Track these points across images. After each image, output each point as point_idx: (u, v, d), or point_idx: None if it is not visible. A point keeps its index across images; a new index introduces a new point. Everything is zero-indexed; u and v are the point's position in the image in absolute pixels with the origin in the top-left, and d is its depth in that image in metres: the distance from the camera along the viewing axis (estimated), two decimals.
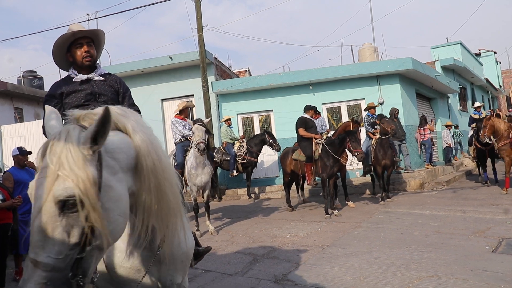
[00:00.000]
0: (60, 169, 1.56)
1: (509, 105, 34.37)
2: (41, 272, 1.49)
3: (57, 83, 3.13)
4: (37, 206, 1.55)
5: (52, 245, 1.54)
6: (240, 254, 6.32)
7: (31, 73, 21.86)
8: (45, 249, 1.53)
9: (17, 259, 6.26)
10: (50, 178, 1.55)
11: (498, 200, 9.01)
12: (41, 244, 1.52)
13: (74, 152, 1.60)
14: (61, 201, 1.54)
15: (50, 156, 1.58)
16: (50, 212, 1.54)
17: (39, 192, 1.56)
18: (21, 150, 6.54)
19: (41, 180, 1.57)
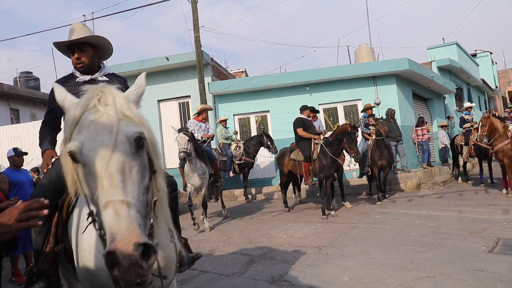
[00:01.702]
0: (120, 113, 1.64)
1: (505, 106, 34.48)
2: (134, 212, 1.50)
3: (61, 82, 3.06)
4: (109, 147, 1.57)
5: (132, 185, 1.57)
6: (237, 255, 6.31)
7: (27, 74, 21.79)
8: (128, 189, 1.55)
9: (13, 260, 6.23)
10: (113, 121, 1.61)
11: (494, 200, 9.03)
12: (123, 185, 1.55)
13: (127, 101, 1.73)
14: (135, 139, 1.63)
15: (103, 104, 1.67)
16: (125, 151, 1.59)
17: (104, 136, 1.59)
18: (16, 151, 6.52)
19: (101, 126, 1.61)
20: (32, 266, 2.77)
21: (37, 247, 2.71)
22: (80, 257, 2.23)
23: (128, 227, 1.42)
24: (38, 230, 2.69)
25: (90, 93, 1.74)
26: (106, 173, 1.54)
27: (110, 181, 1.53)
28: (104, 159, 1.56)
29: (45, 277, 2.63)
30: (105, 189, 1.52)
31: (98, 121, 1.62)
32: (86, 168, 1.61)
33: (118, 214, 1.45)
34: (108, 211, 1.47)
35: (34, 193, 2.81)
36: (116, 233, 1.40)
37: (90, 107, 1.68)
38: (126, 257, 1.36)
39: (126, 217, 1.45)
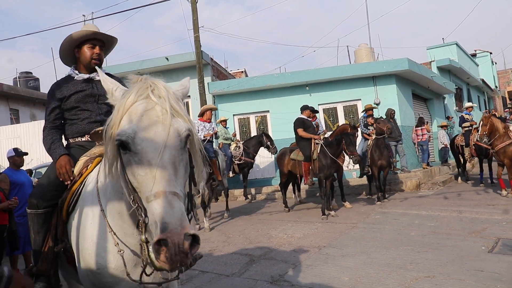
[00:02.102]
0: (172, 107, 1.73)
1: (505, 106, 34.48)
2: (181, 204, 1.59)
3: (58, 84, 3.05)
4: (162, 140, 1.65)
5: (179, 178, 1.67)
6: (236, 255, 6.31)
7: (27, 74, 21.81)
8: (176, 182, 1.64)
9: (13, 261, 6.23)
10: (167, 114, 1.70)
11: (494, 200, 9.03)
12: (174, 178, 1.63)
13: (177, 99, 1.82)
14: (186, 136, 1.73)
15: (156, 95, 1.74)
16: (176, 146, 1.68)
17: (158, 128, 1.67)
18: (16, 151, 6.51)
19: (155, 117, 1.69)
20: (31, 266, 2.78)
21: (36, 247, 2.71)
22: (83, 256, 2.24)
23: (180, 218, 1.52)
24: (37, 230, 2.70)
25: (143, 83, 1.80)
26: (160, 164, 1.62)
27: (162, 173, 1.61)
28: (157, 151, 1.63)
29: (44, 277, 2.63)
30: (157, 180, 1.59)
31: (151, 112, 1.70)
32: (137, 156, 1.67)
33: (171, 205, 1.53)
34: (161, 201, 1.54)
35: (33, 193, 2.82)
36: (169, 223, 1.49)
37: (142, 96, 1.74)
38: (176, 246, 1.45)
39: (178, 209, 1.54)
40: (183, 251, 1.46)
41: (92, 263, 2.19)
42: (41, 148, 14.85)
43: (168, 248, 1.45)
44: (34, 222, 2.71)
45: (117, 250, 2.12)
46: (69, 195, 2.53)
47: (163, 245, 1.46)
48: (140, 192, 1.67)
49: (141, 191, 1.66)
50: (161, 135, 1.66)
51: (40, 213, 2.68)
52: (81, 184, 2.54)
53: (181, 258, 1.47)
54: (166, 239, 1.45)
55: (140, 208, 1.68)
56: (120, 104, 1.79)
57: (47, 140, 2.92)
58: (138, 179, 1.67)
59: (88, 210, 2.30)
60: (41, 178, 2.89)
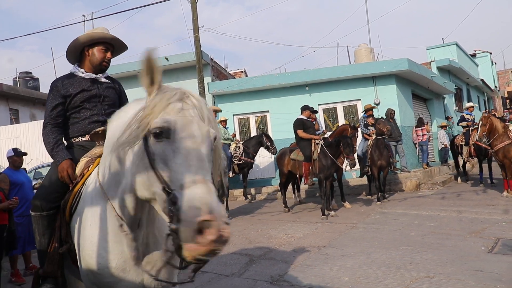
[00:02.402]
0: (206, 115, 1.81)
1: (505, 106, 34.50)
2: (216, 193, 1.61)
3: (61, 80, 2.99)
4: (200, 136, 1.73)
5: (210, 173, 1.70)
6: (236, 255, 6.32)
7: (27, 74, 21.81)
8: (208, 174, 1.67)
9: (13, 261, 6.23)
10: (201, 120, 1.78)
11: (493, 200, 9.03)
12: (207, 171, 1.67)
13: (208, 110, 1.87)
14: (214, 139, 1.81)
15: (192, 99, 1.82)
16: (208, 145, 1.75)
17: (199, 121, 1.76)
18: (16, 151, 6.51)
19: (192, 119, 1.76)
20: (38, 269, 2.78)
21: (42, 249, 2.71)
22: (83, 256, 2.25)
23: (219, 204, 1.54)
24: (42, 232, 2.69)
25: (178, 90, 1.87)
26: (199, 154, 1.68)
27: (201, 163, 1.66)
28: (197, 142, 1.70)
29: (51, 278, 2.63)
30: (195, 167, 1.63)
31: (188, 112, 1.77)
32: (175, 145, 1.70)
33: (211, 191, 1.56)
34: (201, 186, 1.56)
35: (36, 195, 2.80)
36: (213, 207, 1.49)
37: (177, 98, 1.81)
38: (216, 228, 1.46)
39: (216, 196, 1.57)
40: (220, 236, 1.46)
41: (92, 263, 2.19)
42: (41, 148, 14.87)
43: (211, 229, 1.45)
44: (38, 225, 2.70)
45: (119, 247, 2.14)
46: (71, 197, 2.54)
47: (206, 226, 1.45)
48: (172, 181, 1.65)
49: (174, 179, 1.64)
50: (198, 131, 1.72)
51: (45, 215, 2.68)
52: (82, 185, 2.54)
53: (216, 244, 1.47)
54: (211, 220, 1.45)
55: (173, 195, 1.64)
56: (155, 100, 1.81)
57: (50, 139, 2.86)
58: (173, 167, 1.66)
59: (87, 211, 2.31)
60: (43, 180, 2.88)
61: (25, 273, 6.30)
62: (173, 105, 1.77)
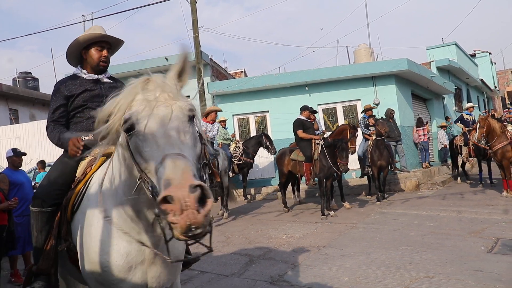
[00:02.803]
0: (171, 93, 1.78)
1: (504, 106, 34.49)
2: (188, 161, 1.56)
3: (64, 82, 3.02)
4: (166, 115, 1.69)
5: (186, 145, 1.66)
6: (236, 255, 6.32)
7: (26, 74, 21.80)
8: (183, 147, 1.63)
9: (13, 261, 6.23)
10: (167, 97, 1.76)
11: (493, 200, 9.04)
12: (180, 142, 1.64)
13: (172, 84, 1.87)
14: (188, 109, 1.77)
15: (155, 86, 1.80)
16: (180, 118, 1.71)
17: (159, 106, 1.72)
18: (15, 152, 6.50)
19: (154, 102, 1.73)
20: (31, 265, 2.77)
21: (38, 246, 2.71)
22: (88, 254, 2.26)
23: (183, 173, 1.46)
24: (40, 229, 2.70)
25: (141, 78, 1.86)
26: (163, 133, 1.64)
27: (167, 139, 1.63)
28: (159, 121, 1.67)
29: (44, 276, 2.63)
30: (162, 147, 1.61)
31: (150, 96, 1.76)
32: (141, 135, 1.70)
33: (174, 163, 1.51)
34: (165, 163, 1.52)
35: (38, 192, 2.81)
36: (171, 179, 1.45)
37: (139, 88, 1.81)
38: (181, 199, 1.39)
39: (182, 165, 1.50)
40: (190, 206, 1.39)
41: (98, 261, 2.20)
42: (41, 148, 14.85)
43: (174, 205, 1.39)
44: (37, 221, 2.71)
45: (119, 247, 2.15)
46: (74, 195, 2.55)
47: (169, 200, 1.40)
48: (149, 171, 1.67)
49: (149, 169, 1.66)
50: (163, 111, 1.71)
51: (44, 211, 2.69)
52: (85, 183, 2.55)
53: (192, 216, 1.40)
54: (170, 194, 1.40)
55: (147, 182, 1.69)
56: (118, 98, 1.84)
57: (54, 134, 2.88)
58: (145, 156, 1.68)
59: (94, 210, 2.31)
60: (44, 178, 2.89)
61: (25, 273, 6.29)
62: (137, 97, 1.79)
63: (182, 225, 1.40)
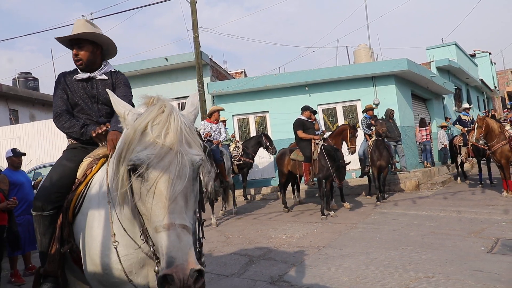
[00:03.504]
0: (185, 135, 1.71)
1: (504, 106, 34.47)
2: (190, 237, 1.59)
3: (64, 73, 3.07)
4: (175, 170, 1.64)
5: (190, 209, 1.68)
6: (236, 255, 6.31)
7: (26, 75, 21.80)
8: (187, 214, 1.64)
9: (13, 261, 6.22)
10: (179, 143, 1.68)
11: (493, 200, 9.03)
12: (184, 210, 1.63)
13: (189, 122, 1.80)
14: (198, 166, 1.73)
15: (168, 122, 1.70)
16: (188, 177, 1.67)
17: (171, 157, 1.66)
18: (15, 152, 6.51)
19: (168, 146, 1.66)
20: (39, 267, 2.78)
21: (43, 249, 2.71)
22: (91, 255, 2.26)
23: (187, 253, 1.52)
24: (43, 232, 2.69)
25: (156, 108, 1.76)
26: (171, 195, 1.61)
27: (174, 205, 1.61)
28: (170, 181, 1.62)
29: (52, 277, 2.64)
30: (168, 211, 1.59)
31: (166, 139, 1.67)
32: (147, 184, 1.66)
33: (179, 239, 1.54)
34: (170, 233, 1.55)
35: (38, 195, 2.79)
36: (176, 257, 1.50)
37: (154, 122, 1.71)
38: (181, 281, 1.47)
39: (186, 243, 1.54)
40: (187, 287, 1.48)
41: (100, 263, 2.21)
42: (41, 148, 14.84)
43: (173, 284, 1.47)
44: (40, 224, 2.70)
45: (126, 250, 2.15)
46: (75, 197, 2.54)
47: (169, 280, 1.48)
48: (148, 220, 1.68)
49: (150, 220, 1.67)
50: (175, 164, 1.65)
51: (46, 215, 2.68)
52: (86, 185, 2.55)
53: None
54: (172, 275, 1.47)
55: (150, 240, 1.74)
56: (132, 128, 1.77)
57: (73, 122, 2.87)
58: (148, 207, 1.67)
59: (95, 212, 2.32)
60: (44, 180, 2.87)
61: (25, 273, 6.30)
62: (149, 132, 1.71)
63: None
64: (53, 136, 14.36)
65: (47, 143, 14.58)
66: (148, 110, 1.79)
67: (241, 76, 22.02)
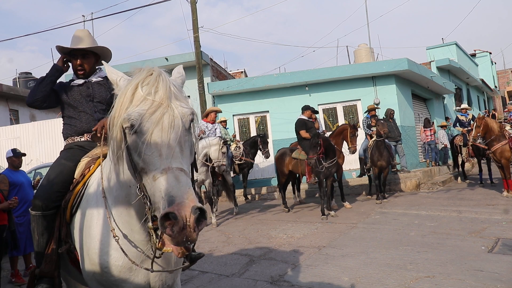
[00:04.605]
0: (174, 92, 1.79)
1: (505, 106, 34.46)
2: (188, 179, 1.63)
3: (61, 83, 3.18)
4: (167, 121, 1.71)
5: (185, 157, 1.73)
6: (236, 255, 6.31)
7: (27, 75, 21.81)
8: (183, 160, 1.69)
9: (13, 261, 6.23)
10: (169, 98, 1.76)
11: (493, 200, 9.03)
12: (180, 155, 1.68)
13: (177, 85, 1.88)
14: (190, 118, 1.79)
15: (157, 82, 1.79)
16: (181, 126, 1.73)
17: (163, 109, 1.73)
18: (15, 152, 6.51)
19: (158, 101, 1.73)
20: (34, 268, 2.77)
21: (40, 249, 2.70)
22: (89, 255, 2.26)
23: (187, 191, 1.54)
24: (41, 232, 2.68)
25: (143, 71, 1.85)
26: (166, 142, 1.67)
27: (169, 150, 1.66)
28: (164, 131, 1.68)
29: (47, 278, 2.63)
30: (164, 157, 1.64)
31: (155, 96, 1.75)
32: (143, 137, 1.71)
33: (177, 180, 1.57)
34: (168, 176, 1.58)
35: (37, 195, 2.78)
36: (176, 196, 1.51)
37: (145, 83, 1.79)
38: (184, 218, 1.47)
39: (185, 183, 1.57)
40: (190, 225, 1.48)
41: (99, 262, 2.20)
42: (41, 148, 14.82)
43: (177, 222, 1.47)
44: (38, 224, 2.68)
45: (119, 247, 2.13)
46: (72, 197, 2.54)
47: (171, 218, 1.47)
48: (146, 172, 1.70)
49: (147, 171, 1.69)
50: (167, 115, 1.72)
51: (45, 215, 2.67)
52: (84, 185, 2.55)
53: (188, 233, 1.49)
54: (174, 212, 1.47)
55: (146, 196, 1.73)
56: (124, 90, 1.84)
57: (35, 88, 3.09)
58: (145, 158, 1.70)
59: (93, 211, 2.31)
60: (43, 180, 2.87)
61: (25, 273, 6.30)
62: (139, 92, 1.78)
63: (179, 240, 1.51)
64: (54, 136, 14.37)
65: (47, 143, 14.57)
66: (137, 74, 1.87)
67: (241, 76, 22.03)
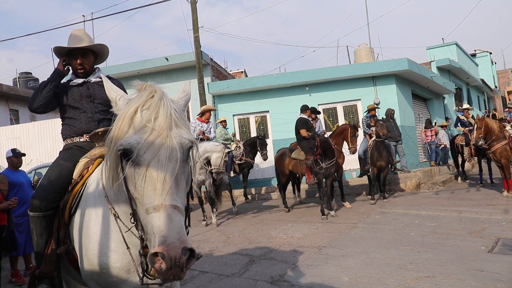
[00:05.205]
0: (174, 119, 1.74)
1: (505, 106, 34.46)
2: (181, 217, 1.61)
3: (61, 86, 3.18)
4: (164, 153, 1.65)
5: (181, 191, 1.70)
6: (236, 255, 6.31)
7: (27, 75, 21.81)
8: (178, 195, 1.66)
9: (13, 261, 6.22)
10: (169, 126, 1.70)
11: (494, 200, 9.03)
12: (175, 191, 1.65)
13: (178, 107, 1.84)
14: (188, 148, 1.74)
15: (158, 106, 1.74)
16: (178, 158, 1.68)
17: (161, 140, 1.67)
18: (14, 152, 6.51)
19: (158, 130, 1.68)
20: (34, 269, 2.76)
21: (39, 250, 2.69)
22: (88, 256, 2.25)
23: (179, 232, 1.54)
24: (40, 233, 2.68)
25: (146, 93, 1.80)
26: (161, 177, 1.63)
27: (164, 186, 1.62)
28: (160, 163, 1.64)
29: (48, 279, 2.62)
30: (158, 192, 1.60)
31: (155, 123, 1.70)
32: (139, 168, 1.68)
33: (170, 218, 1.55)
34: (161, 214, 1.56)
35: (36, 195, 2.77)
36: (167, 236, 1.51)
37: (146, 106, 1.74)
38: (173, 260, 1.48)
39: (177, 222, 1.56)
40: (179, 265, 1.49)
41: (97, 263, 2.20)
42: (41, 148, 14.82)
43: (165, 261, 1.48)
44: (37, 225, 2.68)
45: (123, 247, 2.14)
46: (71, 197, 2.53)
47: (160, 257, 1.49)
48: (140, 203, 1.69)
49: (141, 202, 1.68)
50: (165, 147, 1.67)
51: (43, 215, 2.66)
52: (82, 185, 2.54)
53: (176, 272, 1.50)
54: (163, 253, 1.48)
55: (139, 224, 1.75)
56: (123, 113, 1.79)
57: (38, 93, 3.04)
58: (139, 190, 1.68)
59: (91, 211, 2.31)
60: (42, 180, 2.86)
61: (25, 273, 6.29)
62: (139, 116, 1.73)
63: (166, 278, 1.53)
64: (54, 136, 14.36)
65: (47, 143, 14.57)
66: (138, 95, 1.82)
67: (242, 76, 22.03)
